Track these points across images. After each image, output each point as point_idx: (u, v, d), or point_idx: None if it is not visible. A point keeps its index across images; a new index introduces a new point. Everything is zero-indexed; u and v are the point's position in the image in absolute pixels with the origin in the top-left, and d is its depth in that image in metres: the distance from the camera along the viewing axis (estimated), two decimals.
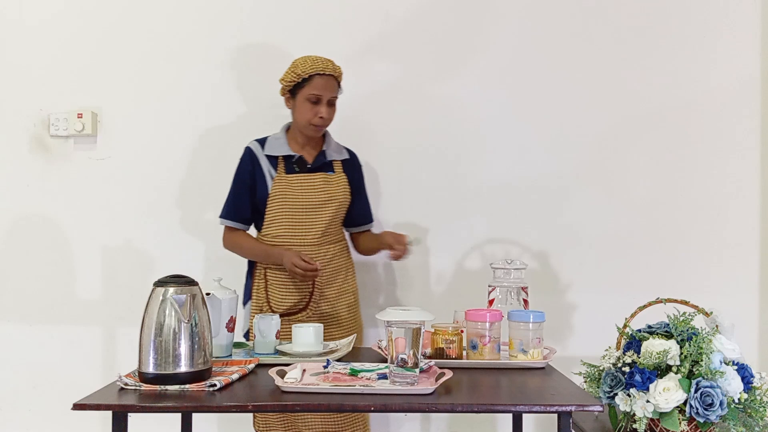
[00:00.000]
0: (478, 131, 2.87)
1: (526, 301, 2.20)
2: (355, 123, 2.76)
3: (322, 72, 2.30)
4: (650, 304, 1.91)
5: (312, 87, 2.31)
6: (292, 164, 2.39)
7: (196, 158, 2.88)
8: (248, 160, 2.42)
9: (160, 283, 1.65)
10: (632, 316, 1.91)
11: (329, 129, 2.46)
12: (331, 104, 2.36)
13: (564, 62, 2.86)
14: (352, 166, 2.50)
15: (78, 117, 2.84)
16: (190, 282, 1.67)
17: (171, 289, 1.63)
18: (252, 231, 2.49)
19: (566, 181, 2.86)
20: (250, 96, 2.88)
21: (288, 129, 2.46)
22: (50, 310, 2.89)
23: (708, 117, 2.85)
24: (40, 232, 2.89)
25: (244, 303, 2.47)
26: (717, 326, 1.81)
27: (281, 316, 2.32)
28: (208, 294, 1.84)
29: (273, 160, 2.40)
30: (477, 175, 2.87)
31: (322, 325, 2.03)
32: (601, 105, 2.86)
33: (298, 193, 2.37)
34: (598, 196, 2.86)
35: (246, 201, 2.42)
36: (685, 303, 1.90)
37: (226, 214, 2.44)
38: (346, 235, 2.56)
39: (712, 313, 1.85)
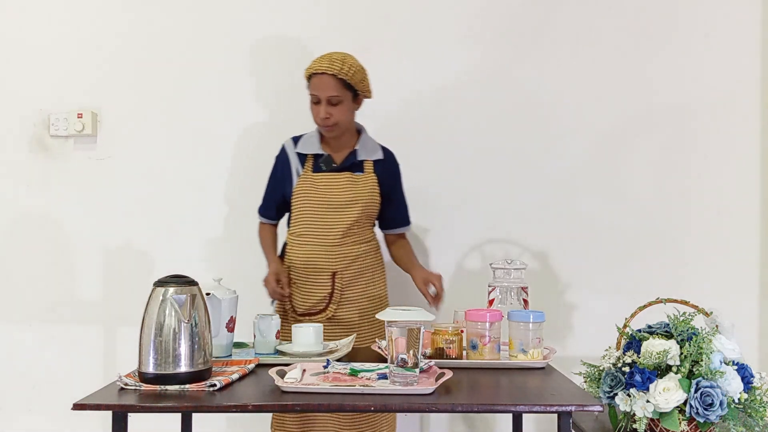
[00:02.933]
0: (477, 131, 2.87)
1: (526, 301, 2.20)
2: None
3: (315, 71, 2.25)
4: (650, 304, 1.90)
5: (311, 87, 2.29)
6: (320, 163, 2.36)
7: (196, 158, 2.88)
8: (281, 157, 2.41)
9: (160, 283, 1.65)
10: (632, 316, 1.90)
11: (368, 127, 2.42)
12: (334, 104, 2.26)
13: (563, 63, 2.87)
14: (385, 167, 2.41)
15: (78, 117, 2.84)
16: (190, 282, 1.67)
17: (171, 289, 1.63)
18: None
19: (566, 181, 2.87)
20: (250, 96, 2.88)
21: None
22: (50, 311, 2.89)
23: (708, 117, 2.85)
24: (40, 232, 2.89)
25: (272, 301, 2.46)
26: (717, 326, 1.80)
27: (303, 315, 2.33)
28: (208, 294, 1.84)
29: (303, 158, 2.38)
30: (477, 174, 2.87)
31: (321, 325, 2.01)
32: (601, 105, 2.86)
33: (321, 192, 2.33)
34: (598, 196, 2.86)
35: (273, 198, 2.43)
36: (685, 303, 1.89)
37: (259, 208, 2.48)
38: (380, 236, 2.50)
39: (712, 313, 1.85)
